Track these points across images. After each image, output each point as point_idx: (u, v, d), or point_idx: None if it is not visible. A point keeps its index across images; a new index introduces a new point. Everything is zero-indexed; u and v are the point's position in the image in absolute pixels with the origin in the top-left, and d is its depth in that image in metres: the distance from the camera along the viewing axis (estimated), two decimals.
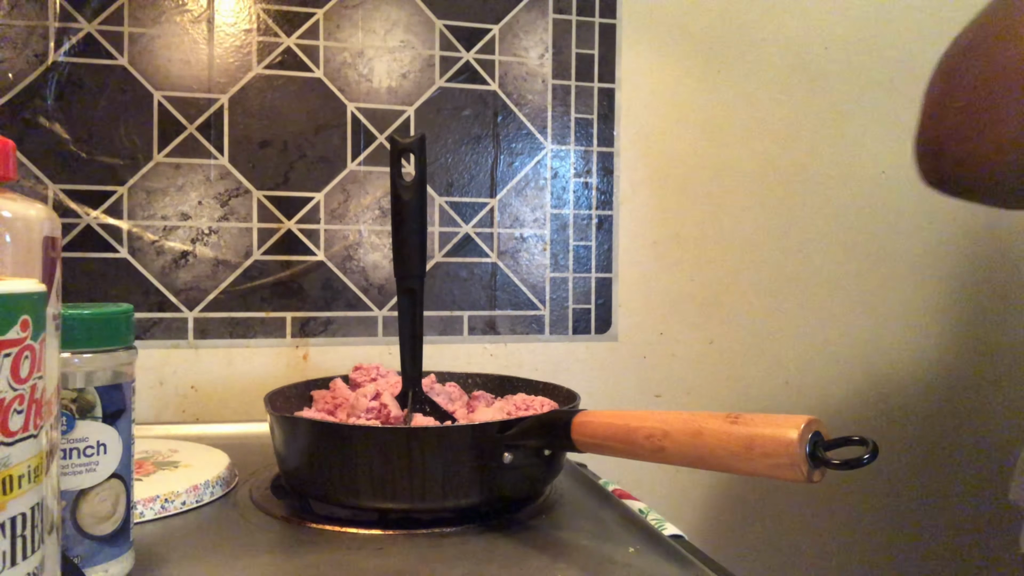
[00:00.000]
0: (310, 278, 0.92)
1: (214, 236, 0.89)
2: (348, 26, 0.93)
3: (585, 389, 0.68)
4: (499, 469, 0.56)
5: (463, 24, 0.96)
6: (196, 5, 0.88)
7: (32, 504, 0.32)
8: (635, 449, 0.48)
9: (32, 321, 0.32)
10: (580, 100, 1.00)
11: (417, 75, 0.95)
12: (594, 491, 0.68)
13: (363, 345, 0.93)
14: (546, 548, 0.53)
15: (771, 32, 1.06)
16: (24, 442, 0.31)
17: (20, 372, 0.31)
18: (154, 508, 0.57)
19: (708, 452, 0.44)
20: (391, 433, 0.58)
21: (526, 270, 0.99)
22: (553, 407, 0.67)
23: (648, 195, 1.02)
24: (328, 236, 0.92)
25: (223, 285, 0.90)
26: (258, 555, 0.52)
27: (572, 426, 0.52)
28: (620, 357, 1.02)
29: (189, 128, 0.88)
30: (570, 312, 1.00)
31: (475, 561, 0.51)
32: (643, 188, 1.02)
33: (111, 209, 0.86)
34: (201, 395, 0.89)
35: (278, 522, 0.58)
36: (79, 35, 0.85)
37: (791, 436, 0.40)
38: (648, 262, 1.03)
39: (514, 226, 0.98)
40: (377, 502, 0.57)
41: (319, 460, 0.58)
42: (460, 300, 0.97)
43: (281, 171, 0.91)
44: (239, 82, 0.89)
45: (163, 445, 0.72)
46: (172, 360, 0.88)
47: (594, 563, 0.51)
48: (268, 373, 0.90)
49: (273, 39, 0.90)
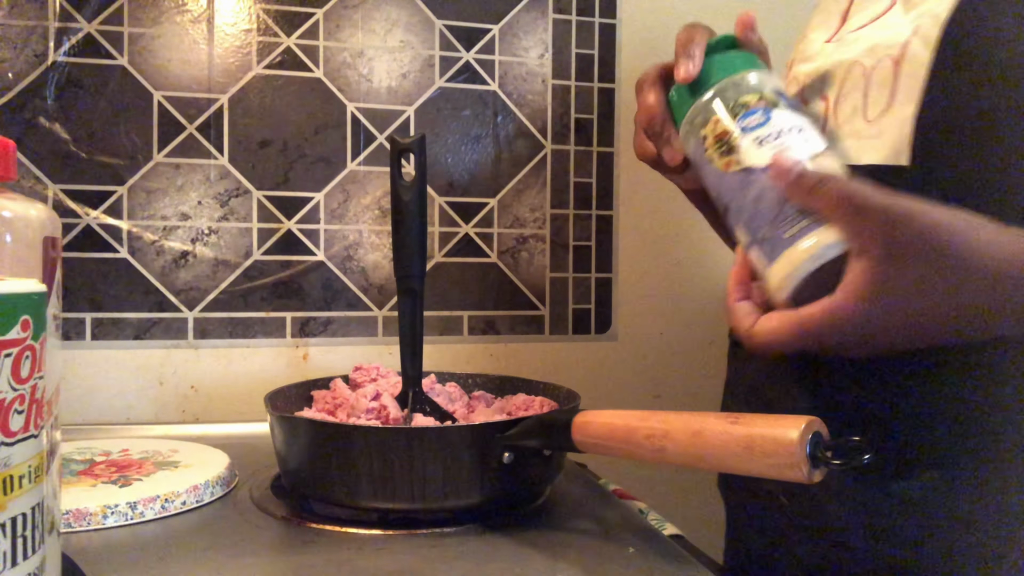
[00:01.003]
0: (310, 278, 0.92)
1: (214, 236, 0.89)
2: (348, 26, 0.93)
3: (585, 389, 0.68)
4: (499, 469, 0.56)
5: (463, 24, 0.96)
6: (196, 5, 0.88)
7: (33, 504, 0.32)
8: (635, 449, 0.48)
9: (33, 321, 0.32)
10: (580, 100, 1.00)
11: (417, 75, 0.95)
12: (594, 491, 0.68)
13: (363, 345, 0.93)
14: (546, 548, 0.53)
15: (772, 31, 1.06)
16: (25, 442, 0.31)
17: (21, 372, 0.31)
18: (154, 508, 0.57)
19: (708, 452, 0.44)
20: (391, 433, 0.58)
21: (526, 270, 0.99)
22: (553, 407, 0.67)
23: (648, 195, 1.02)
24: (328, 236, 0.92)
25: (223, 285, 0.90)
26: (258, 555, 0.52)
27: (572, 426, 0.52)
28: (620, 357, 1.02)
29: (189, 128, 0.88)
30: (570, 312, 1.00)
31: (475, 561, 0.51)
32: (643, 188, 1.02)
33: (111, 209, 0.86)
34: (201, 395, 0.89)
35: (278, 522, 0.58)
36: (79, 35, 0.85)
37: (791, 436, 0.40)
38: (648, 262, 1.03)
39: (514, 226, 0.98)
40: (377, 502, 0.57)
41: (319, 460, 0.58)
42: (460, 300, 0.97)
43: (281, 171, 0.91)
44: (239, 82, 0.89)
45: (163, 445, 0.72)
46: (172, 360, 0.88)
47: (594, 563, 0.51)
48: (268, 373, 0.90)
49: (273, 39, 0.90)
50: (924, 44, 0.47)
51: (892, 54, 0.48)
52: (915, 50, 0.47)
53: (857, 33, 0.53)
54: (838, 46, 0.55)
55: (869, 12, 0.53)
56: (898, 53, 0.48)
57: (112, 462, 0.66)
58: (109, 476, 0.62)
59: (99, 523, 0.55)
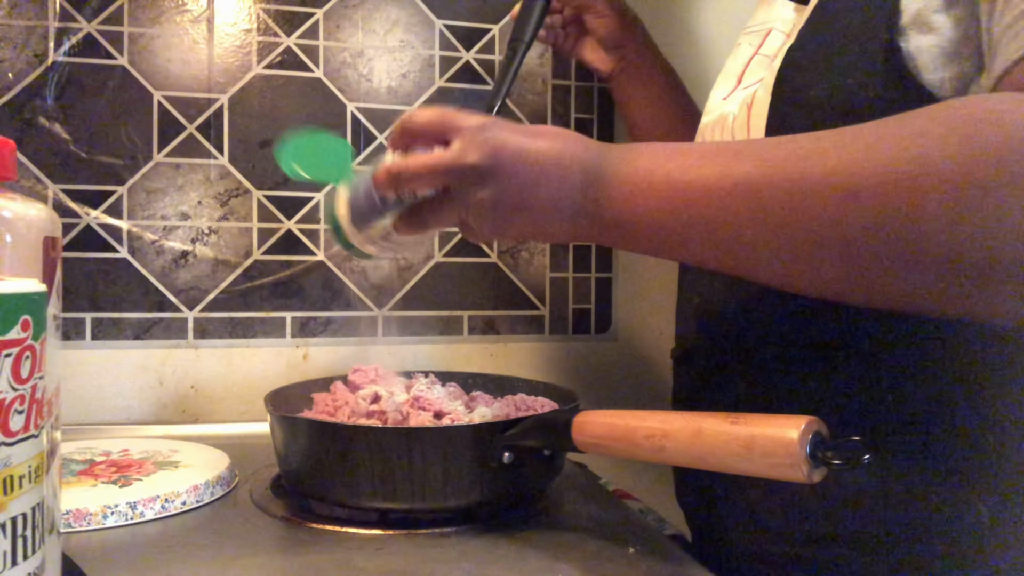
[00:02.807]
0: (310, 278, 0.92)
1: (214, 236, 0.89)
2: (348, 26, 0.93)
3: (585, 389, 0.68)
4: (499, 469, 0.56)
5: (463, 24, 0.96)
6: (196, 5, 0.88)
7: (33, 504, 0.32)
8: (635, 449, 0.48)
9: (33, 321, 0.32)
10: (580, 100, 1.00)
11: (417, 75, 0.95)
12: (594, 491, 0.68)
13: (363, 345, 0.93)
14: (546, 548, 0.53)
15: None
16: (25, 442, 0.31)
17: (21, 372, 0.31)
18: (154, 508, 0.57)
19: (708, 452, 0.44)
20: (391, 433, 0.58)
21: (526, 270, 0.99)
22: (553, 407, 0.67)
23: None
24: (328, 236, 0.92)
25: (223, 285, 0.90)
26: (258, 555, 0.52)
27: (572, 426, 0.52)
28: (620, 357, 1.02)
29: (189, 128, 0.88)
30: (570, 312, 1.00)
31: (475, 561, 0.51)
32: None
33: (111, 209, 0.86)
34: (201, 395, 0.89)
35: (278, 522, 0.58)
36: (79, 35, 0.85)
37: (791, 436, 0.40)
38: (648, 262, 1.03)
39: None
40: (377, 502, 0.57)
41: (320, 460, 0.58)
42: (460, 300, 0.97)
43: (281, 171, 0.91)
44: (239, 82, 0.89)
45: (163, 445, 0.72)
46: (172, 360, 0.88)
47: (594, 563, 0.51)
48: (268, 373, 0.90)
49: (273, 39, 0.90)
50: (765, 91, 0.57)
51: (747, 102, 0.59)
52: (759, 97, 0.57)
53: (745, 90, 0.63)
54: (728, 103, 0.64)
55: (756, 76, 0.63)
56: (750, 101, 0.59)
57: (112, 462, 0.66)
58: (109, 476, 0.62)
59: (99, 523, 0.55)
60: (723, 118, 0.63)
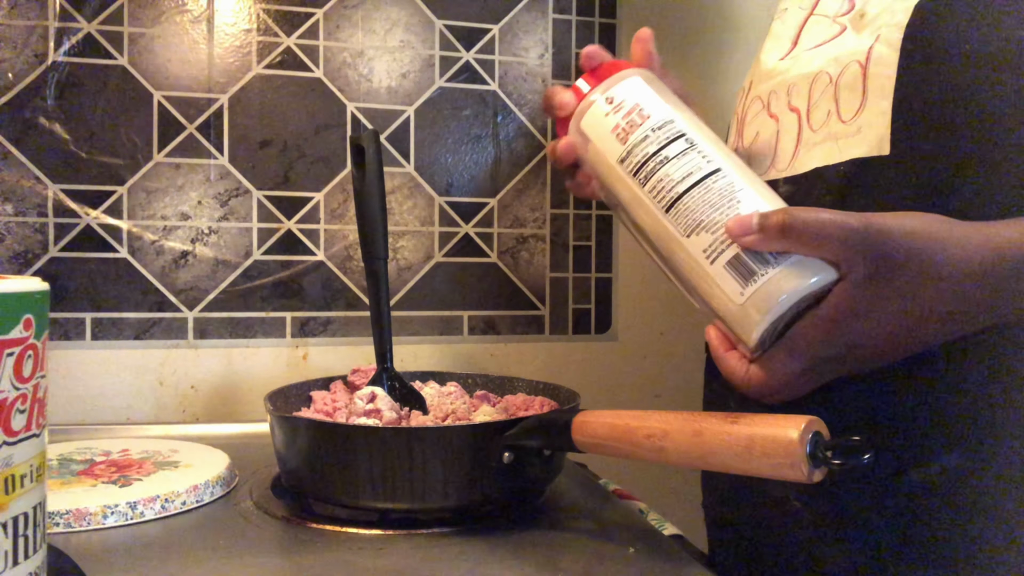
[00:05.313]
0: (310, 278, 0.92)
1: (214, 236, 0.89)
2: (348, 26, 0.93)
3: (585, 389, 0.68)
4: (499, 469, 0.56)
5: (463, 24, 0.96)
6: (196, 5, 0.88)
7: (34, 503, 0.32)
8: (635, 449, 0.48)
9: (35, 320, 0.32)
10: None
11: (417, 75, 0.95)
12: (594, 491, 0.68)
13: (363, 345, 0.93)
14: (546, 548, 0.53)
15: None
16: (27, 441, 0.31)
17: (23, 371, 0.31)
18: (154, 508, 0.57)
19: (708, 452, 0.44)
20: (391, 433, 0.58)
21: (526, 270, 0.99)
22: (553, 407, 0.67)
23: None
24: (328, 236, 0.92)
25: (223, 285, 0.90)
26: (258, 555, 0.52)
27: (572, 426, 0.52)
28: (620, 357, 1.02)
29: (189, 128, 0.88)
30: (570, 312, 1.00)
31: (475, 561, 0.51)
32: None
33: (111, 209, 0.86)
34: (201, 395, 0.89)
35: (278, 522, 0.58)
36: (79, 35, 0.85)
37: (791, 436, 0.40)
38: (648, 262, 1.03)
39: (514, 226, 0.98)
40: (377, 502, 0.57)
41: (319, 460, 0.58)
42: (460, 300, 0.97)
43: (281, 171, 0.91)
44: (239, 82, 0.89)
45: (163, 445, 0.72)
46: (172, 360, 0.88)
47: (594, 563, 0.51)
48: (268, 373, 0.90)
49: (273, 39, 0.90)
50: (889, 47, 0.50)
51: (859, 60, 0.52)
52: (880, 53, 0.51)
53: (813, 51, 0.56)
54: (795, 62, 0.57)
55: (820, 36, 0.56)
56: (864, 59, 0.52)
57: (112, 462, 0.66)
58: (109, 476, 0.62)
59: (99, 523, 0.55)
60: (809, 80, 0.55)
